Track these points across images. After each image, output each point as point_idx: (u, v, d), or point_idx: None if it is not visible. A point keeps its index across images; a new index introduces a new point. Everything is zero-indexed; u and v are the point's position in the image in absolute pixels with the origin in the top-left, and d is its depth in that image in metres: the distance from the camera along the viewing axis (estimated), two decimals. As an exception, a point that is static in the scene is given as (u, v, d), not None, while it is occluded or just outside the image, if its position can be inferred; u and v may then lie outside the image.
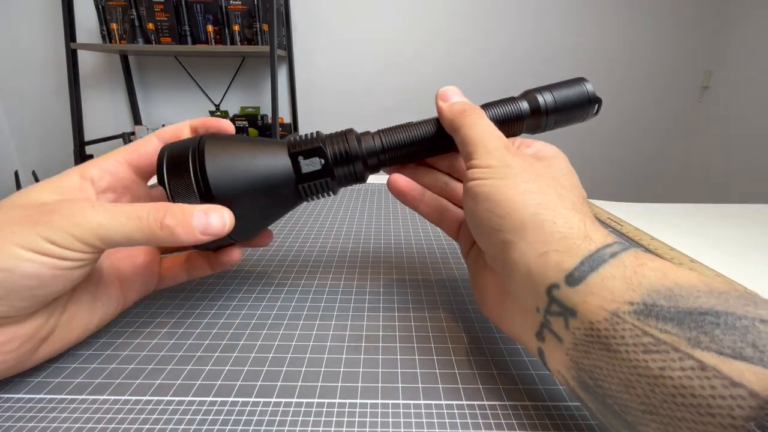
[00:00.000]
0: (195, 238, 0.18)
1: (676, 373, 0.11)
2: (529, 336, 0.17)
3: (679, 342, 0.12)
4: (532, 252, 0.16)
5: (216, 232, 0.18)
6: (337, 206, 0.45)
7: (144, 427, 0.16)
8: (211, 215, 0.18)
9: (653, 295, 0.13)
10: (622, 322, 0.13)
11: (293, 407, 0.17)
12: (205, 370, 0.20)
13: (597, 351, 0.13)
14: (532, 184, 0.18)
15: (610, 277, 0.14)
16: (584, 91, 0.23)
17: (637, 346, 0.12)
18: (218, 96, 1.77)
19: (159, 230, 0.17)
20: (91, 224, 0.16)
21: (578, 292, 0.14)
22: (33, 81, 1.69)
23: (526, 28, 1.73)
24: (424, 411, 0.17)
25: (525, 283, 0.16)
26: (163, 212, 0.17)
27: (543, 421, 0.17)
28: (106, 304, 0.21)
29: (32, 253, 0.15)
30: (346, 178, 0.23)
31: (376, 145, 0.23)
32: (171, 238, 0.18)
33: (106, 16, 1.47)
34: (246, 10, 1.46)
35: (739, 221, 0.46)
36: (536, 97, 0.23)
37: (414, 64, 1.75)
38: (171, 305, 0.25)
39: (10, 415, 0.17)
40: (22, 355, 0.17)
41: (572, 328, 0.14)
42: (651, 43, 1.76)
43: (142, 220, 0.17)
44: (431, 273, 0.30)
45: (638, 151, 1.95)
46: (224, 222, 0.19)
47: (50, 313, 0.18)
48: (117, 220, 0.17)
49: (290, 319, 0.24)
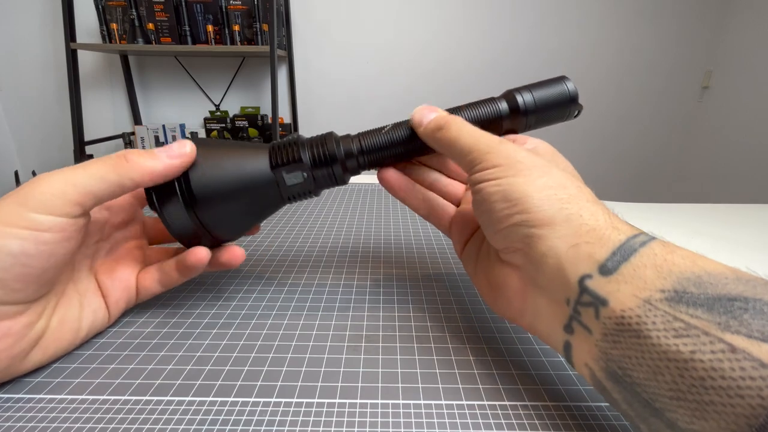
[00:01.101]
0: (162, 161, 0.19)
1: (707, 356, 0.11)
2: (556, 330, 0.16)
3: (709, 326, 0.12)
4: (563, 245, 0.16)
5: (178, 152, 0.20)
6: (337, 205, 0.45)
7: (144, 427, 0.16)
8: (171, 144, 0.20)
9: (683, 283, 0.13)
10: (653, 309, 0.13)
11: (293, 407, 0.17)
12: (205, 370, 0.20)
13: (627, 339, 0.13)
14: (548, 178, 0.18)
15: (642, 266, 0.14)
16: (565, 90, 0.22)
17: (668, 332, 0.12)
18: (218, 96, 1.77)
19: (125, 162, 0.19)
20: (66, 181, 0.17)
21: (611, 282, 0.14)
22: (33, 81, 1.69)
23: (525, 29, 1.73)
24: (424, 411, 0.17)
25: (555, 275, 0.16)
26: (125, 151, 0.19)
27: (543, 421, 0.17)
28: (93, 311, 0.21)
29: (16, 229, 0.16)
30: (326, 182, 0.23)
31: (355, 148, 0.23)
32: (140, 168, 0.19)
33: (106, 16, 1.47)
34: (246, 10, 1.46)
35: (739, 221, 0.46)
36: (515, 96, 0.22)
37: (414, 63, 1.75)
38: (171, 305, 0.25)
39: (10, 415, 0.17)
40: (14, 357, 0.18)
41: (603, 317, 0.14)
42: (651, 43, 1.76)
43: (108, 160, 0.19)
44: (431, 270, 0.30)
45: (638, 151, 1.95)
46: (183, 144, 0.20)
47: (40, 312, 0.18)
48: (86, 170, 0.18)
49: (290, 319, 0.24)
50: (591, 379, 0.15)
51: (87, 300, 0.21)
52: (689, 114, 1.88)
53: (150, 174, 0.19)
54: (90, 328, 0.21)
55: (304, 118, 1.82)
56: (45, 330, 0.19)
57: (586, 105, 0.24)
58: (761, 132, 1.59)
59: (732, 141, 1.72)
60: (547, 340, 0.18)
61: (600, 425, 0.17)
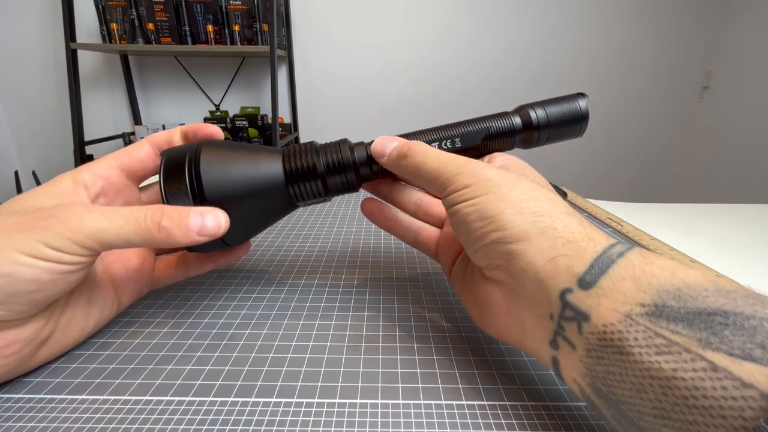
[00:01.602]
0: (191, 239, 0.18)
1: (689, 374, 0.11)
2: (542, 345, 0.16)
3: (690, 343, 0.12)
4: (540, 259, 0.16)
5: (211, 232, 0.19)
6: (337, 206, 0.45)
7: (144, 427, 0.16)
8: (206, 216, 0.19)
9: (663, 296, 0.13)
10: (635, 324, 0.13)
11: (293, 407, 0.17)
12: (205, 370, 0.20)
13: (610, 355, 0.13)
14: (520, 191, 0.17)
15: (621, 278, 0.14)
16: (577, 108, 0.23)
17: (650, 348, 0.12)
18: (218, 96, 1.77)
19: (156, 232, 0.17)
20: (89, 228, 0.16)
21: (591, 296, 0.14)
22: (33, 81, 1.69)
23: (526, 30, 1.73)
24: (424, 411, 0.17)
25: (536, 290, 0.16)
26: (159, 214, 0.18)
27: (543, 421, 0.17)
28: (101, 307, 0.21)
29: (32, 259, 0.15)
30: (339, 189, 0.23)
31: (368, 155, 0.23)
32: (168, 240, 0.18)
33: (106, 16, 1.47)
34: (246, 10, 1.46)
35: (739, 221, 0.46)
36: (529, 112, 0.23)
37: (415, 63, 1.75)
38: (171, 305, 0.25)
39: (10, 415, 0.17)
40: (22, 359, 0.18)
41: (585, 333, 0.14)
42: (651, 43, 1.76)
43: (139, 222, 0.17)
44: (431, 270, 0.30)
45: (638, 151, 1.95)
46: (219, 223, 0.19)
47: (49, 316, 0.18)
48: (115, 223, 0.17)
49: (290, 319, 0.24)
50: (581, 394, 0.15)
51: (96, 295, 0.21)
52: (689, 114, 1.88)
53: (174, 245, 0.18)
54: (96, 324, 0.21)
55: (304, 118, 1.82)
56: (53, 331, 0.19)
57: (585, 105, 0.25)
58: (761, 132, 1.59)
59: (732, 141, 1.72)
60: (536, 355, 0.17)
61: (600, 425, 0.17)
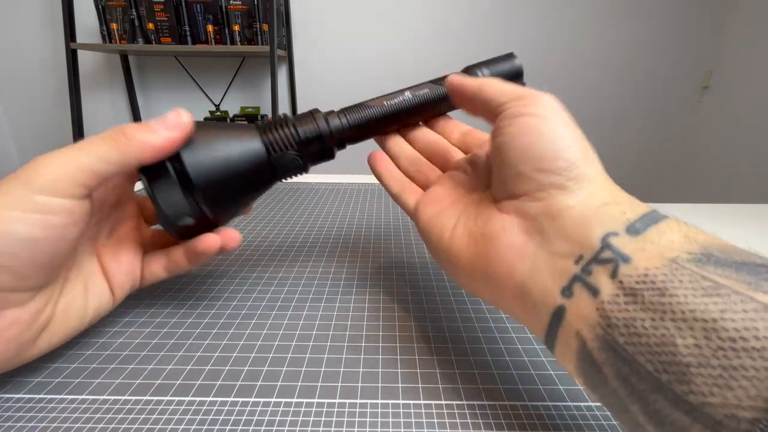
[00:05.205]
0: (161, 135, 0.19)
1: (738, 315, 0.11)
2: (549, 292, 0.15)
3: (739, 285, 0.12)
4: (594, 200, 0.16)
5: (176, 122, 0.19)
6: (338, 203, 0.45)
7: (144, 427, 0.16)
8: (167, 116, 0.20)
9: (709, 248, 0.13)
10: (680, 268, 0.13)
11: (293, 407, 0.17)
12: (205, 370, 0.20)
13: (648, 298, 0.13)
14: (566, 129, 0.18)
15: (669, 230, 0.14)
16: (516, 65, 0.25)
17: (696, 290, 0.12)
18: (218, 96, 1.77)
19: (124, 137, 0.18)
20: (70, 163, 0.17)
21: (637, 241, 0.14)
22: (33, 81, 1.69)
23: (525, 28, 1.73)
24: (424, 411, 0.17)
25: (573, 230, 0.15)
26: (121, 127, 0.19)
27: (543, 422, 0.17)
28: (98, 295, 0.21)
29: (22, 212, 0.16)
30: (316, 157, 0.24)
31: (343, 123, 0.24)
32: (140, 144, 0.18)
33: (106, 16, 1.47)
34: (246, 10, 1.46)
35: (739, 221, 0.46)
36: (476, 72, 0.24)
37: (415, 63, 1.75)
38: (171, 305, 0.25)
39: (10, 415, 0.17)
40: (23, 344, 0.18)
41: (622, 274, 0.14)
42: (651, 43, 1.76)
43: (108, 137, 0.18)
44: (431, 270, 0.30)
45: (638, 151, 1.95)
46: (179, 113, 0.20)
47: (47, 299, 0.18)
48: (89, 150, 0.18)
49: (290, 319, 0.24)
50: (577, 354, 0.14)
51: (91, 284, 0.21)
52: (689, 114, 1.88)
53: (152, 149, 0.19)
54: (95, 313, 0.21)
55: (304, 118, 1.82)
56: (52, 316, 0.19)
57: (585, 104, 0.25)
58: (761, 132, 1.59)
59: (732, 141, 1.72)
60: (532, 307, 0.16)
61: (600, 425, 0.17)
